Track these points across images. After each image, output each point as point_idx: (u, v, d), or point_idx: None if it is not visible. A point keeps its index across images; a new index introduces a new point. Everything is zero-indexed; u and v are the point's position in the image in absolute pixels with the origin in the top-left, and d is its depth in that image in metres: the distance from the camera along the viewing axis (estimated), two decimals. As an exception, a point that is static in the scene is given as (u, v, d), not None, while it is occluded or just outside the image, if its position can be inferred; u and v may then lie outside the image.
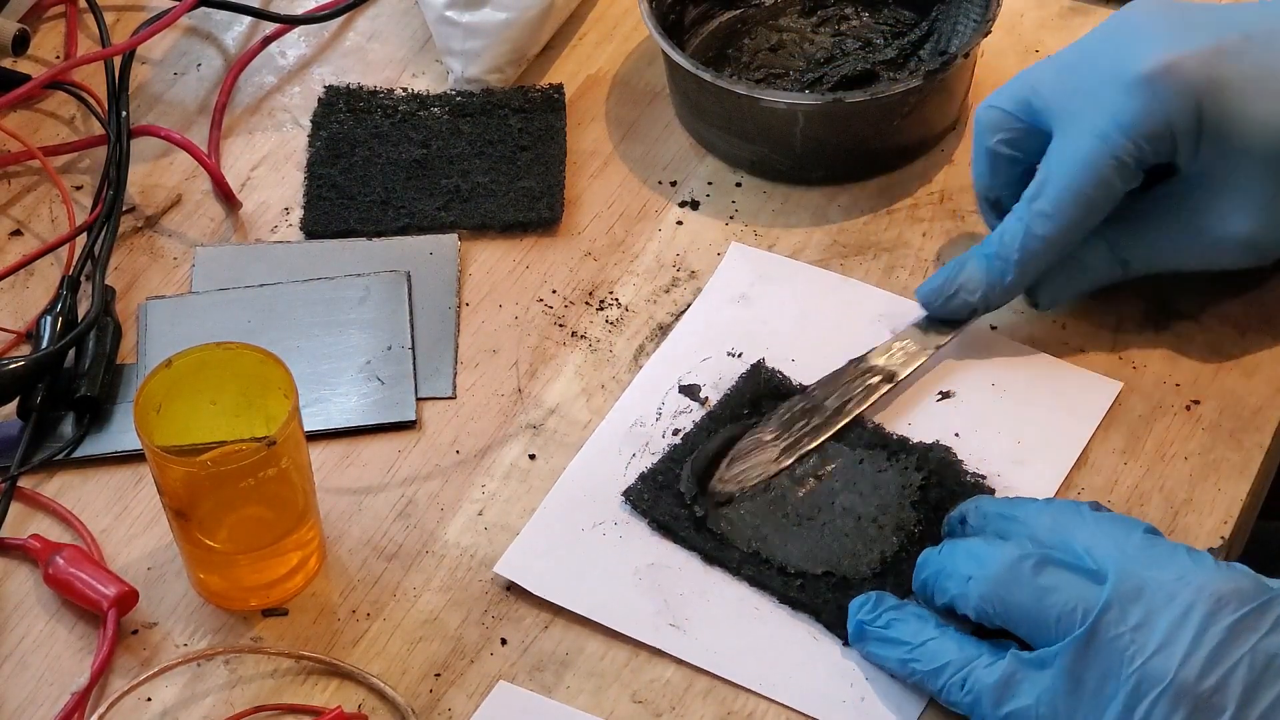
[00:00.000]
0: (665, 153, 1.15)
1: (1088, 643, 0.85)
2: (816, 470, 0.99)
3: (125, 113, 1.16)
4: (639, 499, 0.98)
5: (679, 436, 1.01)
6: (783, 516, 0.98)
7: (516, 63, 1.18)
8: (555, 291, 1.09)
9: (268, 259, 1.11)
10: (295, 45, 1.23)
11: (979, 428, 1.01)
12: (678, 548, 0.97)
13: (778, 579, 0.95)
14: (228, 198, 1.14)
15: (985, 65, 1.16)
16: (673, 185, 1.13)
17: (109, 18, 1.23)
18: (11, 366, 1.03)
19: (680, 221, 1.12)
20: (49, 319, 1.06)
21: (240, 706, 0.93)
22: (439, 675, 0.94)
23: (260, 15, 1.23)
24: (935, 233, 1.10)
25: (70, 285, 1.07)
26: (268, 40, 1.22)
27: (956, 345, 1.03)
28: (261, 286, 1.09)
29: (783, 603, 0.95)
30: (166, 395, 0.92)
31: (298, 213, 1.13)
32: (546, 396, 1.04)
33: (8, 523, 1.00)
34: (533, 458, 1.02)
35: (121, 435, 1.03)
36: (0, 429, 1.03)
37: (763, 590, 0.95)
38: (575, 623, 0.95)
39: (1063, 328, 1.05)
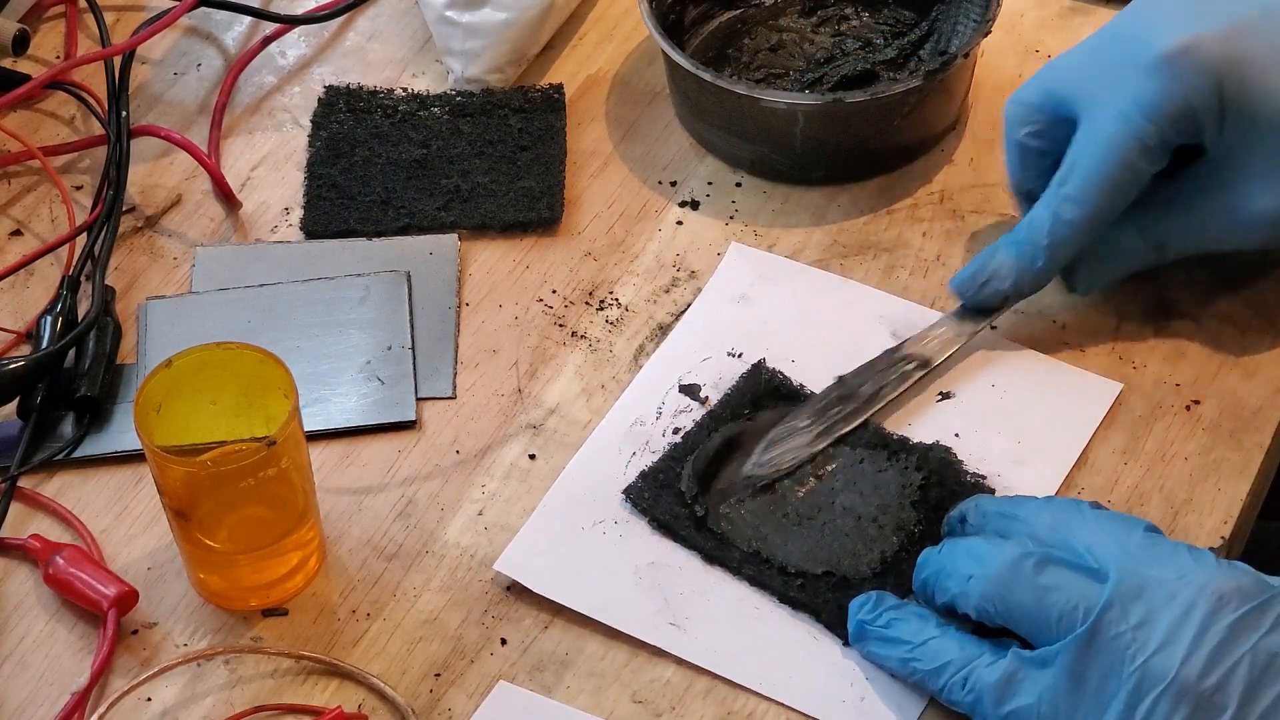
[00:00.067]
0: (665, 153, 1.15)
1: (1089, 641, 0.85)
2: (817, 470, 0.99)
3: (125, 113, 1.16)
4: (639, 497, 0.98)
5: (679, 435, 1.01)
6: (783, 516, 0.97)
7: (516, 63, 1.18)
8: (555, 291, 1.09)
9: (268, 259, 1.11)
10: (295, 45, 1.23)
11: (979, 428, 1.01)
12: (678, 547, 0.97)
13: (778, 578, 0.95)
14: (228, 198, 1.14)
15: (985, 65, 1.16)
16: (673, 185, 1.13)
17: (109, 18, 1.23)
18: (11, 366, 1.03)
19: (680, 221, 1.12)
20: (49, 319, 1.05)
21: (240, 706, 0.93)
22: (439, 675, 0.94)
23: (260, 15, 1.23)
24: (935, 233, 1.10)
25: (70, 285, 1.07)
26: (268, 40, 1.22)
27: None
28: (261, 286, 1.09)
29: (783, 602, 0.95)
30: (166, 395, 0.92)
31: (298, 213, 1.13)
32: (546, 396, 1.04)
33: (8, 523, 1.00)
34: (533, 458, 1.02)
35: (121, 435, 1.03)
36: (0, 429, 1.03)
37: (763, 590, 0.95)
38: (575, 623, 0.95)
39: (1063, 328, 1.05)
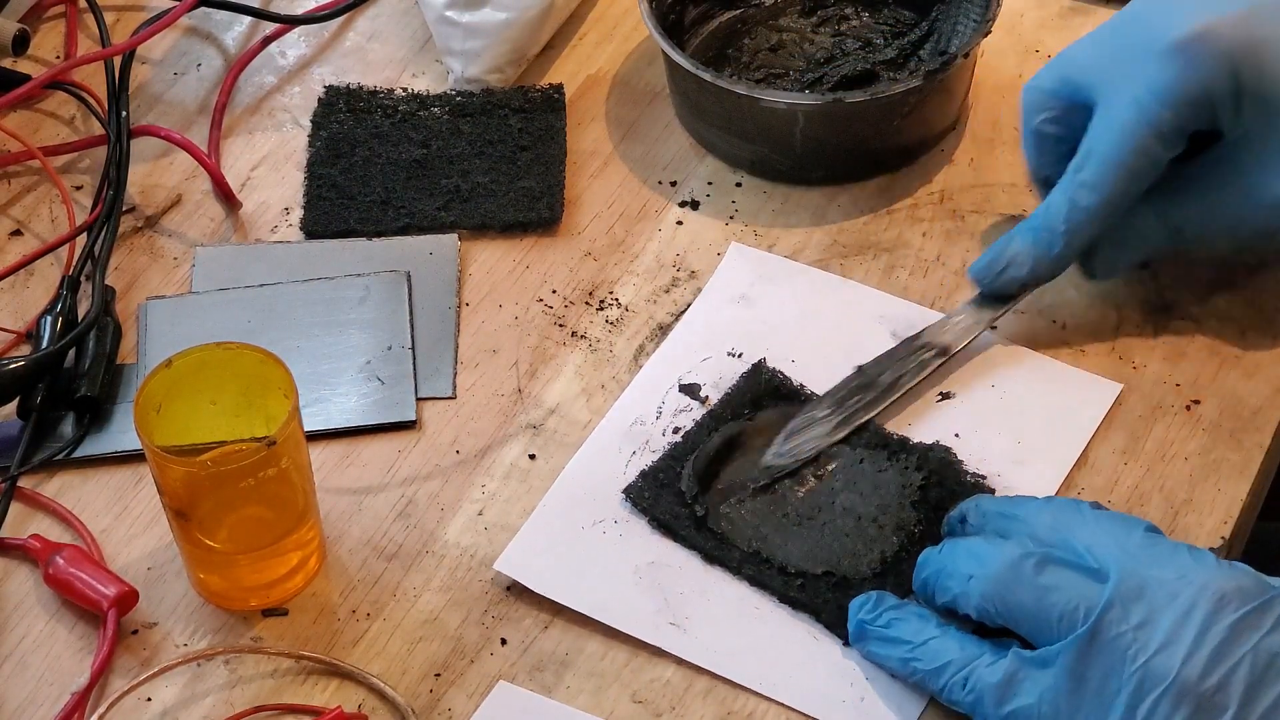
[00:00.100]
0: (665, 153, 1.15)
1: (1090, 641, 0.85)
2: (817, 470, 0.99)
3: (125, 113, 1.16)
4: (639, 496, 0.98)
5: (679, 435, 1.01)
6: (783, 516, 0.97)
7: (516, 63, 1.18)
8: (555, 291, 1.09)
9: (268, 259, 1.11)
10: (295, 45, 1.23)
11: (979, 428, 1.01)
12: (678, 546, 0.97)
13: (778, 578, 0.95)
14: (228, 198, 1.14)
15: (985, 65, 1.16)
16: (673, 185, 1.13)
17: (109, 18, 1.23)
18: (11, 366, 1.02)
19: (680, 221, 1.12)
20: (49, 319, 1.05)
21: (240, 706, 0.93)
22: (439, 675, 0.94)
23: (260, 15, 1.23)
24: (935, 233, 1.10)
25: (70, 285, 1.07)
26: (268, 40, 1.22)
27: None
28: (261, 286, 1.09)
29: (783, 602, 0.95)
30: (166, 395, 0.92)
31: (298, 213, 1.13)
32: (546, 396, 1.04)
33: (8, 523, 1.00)
34: (533, 458, 1.01)
35: (121, 435, 1.03)
36: (0, 429, 1.03)
37: (763, 590, 0.95)
38: (575, 623, 0.95)
39: (1063, 328, 1.05)
